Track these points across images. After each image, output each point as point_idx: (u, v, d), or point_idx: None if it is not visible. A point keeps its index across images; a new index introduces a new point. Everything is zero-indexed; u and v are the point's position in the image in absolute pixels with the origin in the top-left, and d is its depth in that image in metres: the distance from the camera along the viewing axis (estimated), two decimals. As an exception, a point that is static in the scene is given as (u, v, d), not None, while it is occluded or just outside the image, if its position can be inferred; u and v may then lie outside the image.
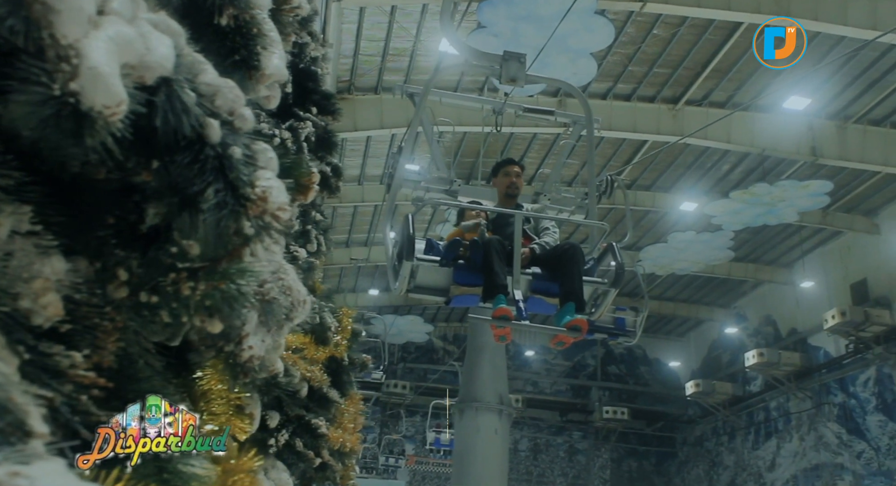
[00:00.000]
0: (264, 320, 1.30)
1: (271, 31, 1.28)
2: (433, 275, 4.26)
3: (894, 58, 12.91)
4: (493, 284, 4.08)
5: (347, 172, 17.27)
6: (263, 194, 0.96)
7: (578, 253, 4.34)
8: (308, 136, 3.41)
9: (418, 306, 24.81)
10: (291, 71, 3.47)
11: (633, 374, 27.94)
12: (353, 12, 12.53)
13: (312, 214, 3.69)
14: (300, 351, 2.83)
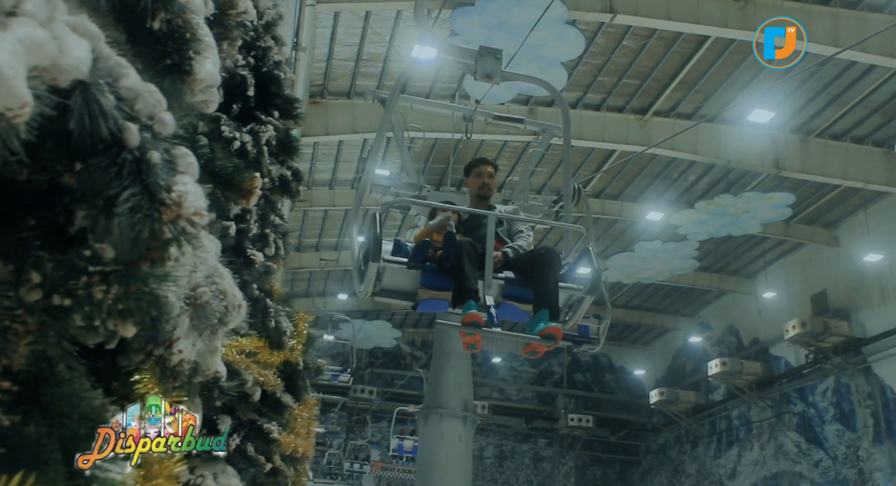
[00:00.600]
0: (196, 324, 1.30)
1: (206, 36, 1.28)
2: (400, 278, 4.07)
3: (854, 74, 13.21)
4: (463, 288, 3.89)
5: (319, 176, 17.22)
6: (179, 199, 0.97)
7: (555, 258, 4.13)
8: (269, 140, 3.40)
9: (387, 311, 24.76)
10: (254, 74, 3.46)
11: (598, 382, 28.14)
12: (327, 17, 12.51)
13: (271, 218, 3.67)
14: (253, 355, 2.82)
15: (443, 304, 4.06)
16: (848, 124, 14.52)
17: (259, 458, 2.75)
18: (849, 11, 11.62)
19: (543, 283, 4.00)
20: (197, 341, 1.30)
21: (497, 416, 26.21)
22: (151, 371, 1.36)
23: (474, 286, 3.87)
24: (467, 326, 3.67)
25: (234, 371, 2.56)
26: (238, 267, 3.06)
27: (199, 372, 1.40)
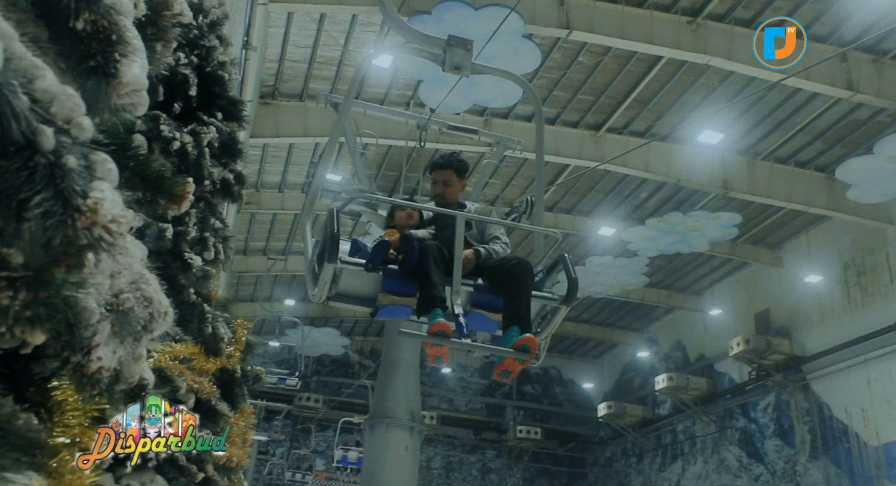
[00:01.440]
0: (118, 331, 1.27)
1: (134, 38, 1.24)
2: (359, 281, 3.73)
3: (799, 101, 13.63)
4: (429, 296, 3.56)
5: (268, 179, 17.03)
6: (95, 206, 0.94)
7: (527, 269, 3.80)
8: (211, 141, 3.33)
9: (335, 319, 24.56)
10: (197, 74, 3.39)
11: (547, 394, 28.33)
12: (280, 17, 12.41)
13: (212, 221, 3.60)
14: (188, 361, 2.76)
15: (405, 311, 3.77)
16: (792, 149, 14.96)
17: (191, 467, 2.68)
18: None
19: (514, 297, 3.69)
20: (118, 348, 1.27)
21: (445, 426, 26.17)
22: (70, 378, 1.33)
23: (441, 294, 3.58)
24: (434, 336, 3.38)
25: (166, 378, 2.50)
26: (174, 271, 3.00)
27: (121, 380, 1.36)
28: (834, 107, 13.52)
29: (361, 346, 27.23)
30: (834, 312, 17.43)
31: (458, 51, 4.01)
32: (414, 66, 12.71)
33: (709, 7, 11.80)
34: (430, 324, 3.39)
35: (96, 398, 1.41)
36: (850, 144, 14.30)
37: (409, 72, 13.12)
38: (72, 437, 1.40)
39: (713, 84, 13.23)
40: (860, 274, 16.80)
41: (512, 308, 3.67)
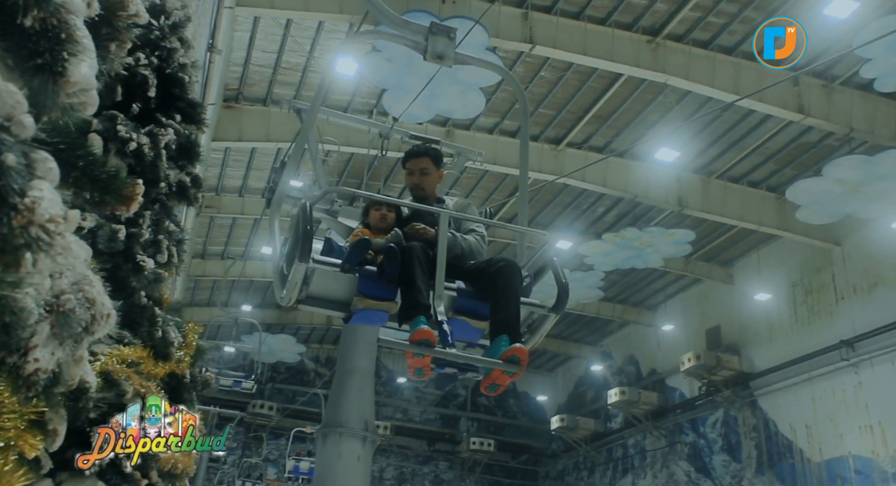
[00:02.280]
0: (58, 333, 1.25)
1: (84, 38, 1.24)
2: (332, 283, 3.47)
3: (753, 122, 13.98)
4: (413, 302, 3.28)
5: (228, 183, 16.83)
6: (32, 205, 0.93)
7: (516, 272, 3.51)
8: (169, 143, 3.30)
9: (292, 325, 24.32)
10: (157, 75, 3.36)
11: (501, 406, 28.39)
12: (246, 20, 12.33)
13: (166, 224, 3.55)
14: (136, 365, 2.72)
15: (381, 317, 3.52)
16: (745, 169, 15.32)
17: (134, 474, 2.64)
18: (749, 63, 12.31)
19: (503, 303, 3.39)
20: (57, 350, 1.25)
21: (399, 437, 26.03)
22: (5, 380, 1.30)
23: (426, 301, 3.31)
24: (416, 345, 3.10)
25: (113, 381, 2.45)
26: (126, 273, 2.96)
27: (61, 382, 1.34)
28: (785, 129, 13.90)
29: (318, 354, 26.98)
30: (782, 329, 17.84)
31: (440, 39, 3.73)
32: (378, 74, 12.73)
33: (668, 27, 12.06)
34: (413, 332, 3.14)
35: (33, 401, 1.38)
36: (800, 166, 14.70)
37: (374, 80, 13.13)
38: (6, 440, 1.37)
39: (671, 103, 13.50)
40: (807, 293, 17.24)
41: (500, 315, 3.38)
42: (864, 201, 13.40)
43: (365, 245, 3.45)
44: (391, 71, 12.25)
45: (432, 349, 3.11)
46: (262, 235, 18.94)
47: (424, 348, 3.11)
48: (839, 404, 15.79)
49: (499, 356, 3.15)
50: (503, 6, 11.79)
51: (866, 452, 14.97)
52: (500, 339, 3.29)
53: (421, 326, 3.14)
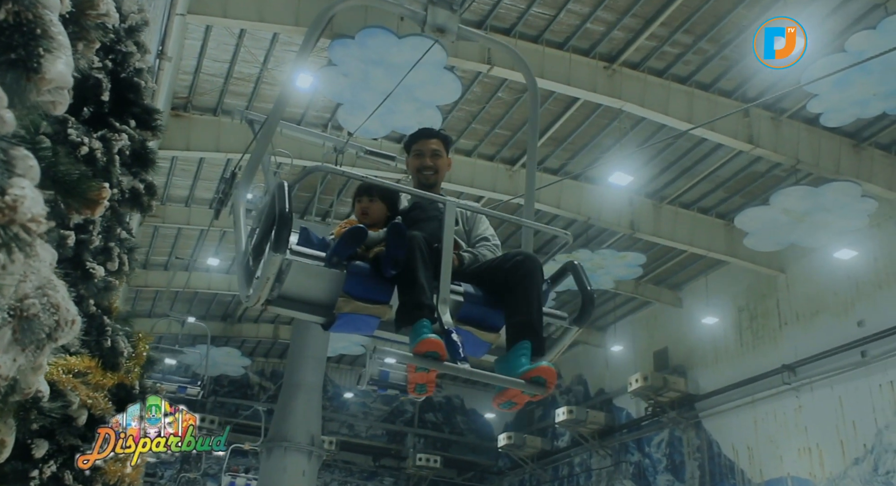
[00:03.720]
0: (20, 339, 1.17)
1: (59, 34, 1.15)
2: (311, 281, 2.89)
3: (704, 150, 14.23)
4: (416, 302, 2.73)
5: (175, 192, 16.44)
6: (14, 203, 0.90)
7: (538, 269, 3.00)
8: (122, 149, 3.18)
9: (237, 338, 23.89)
10: (111, 79, 3.22)
11: (449, 422, 28.29)
12: (198, 29, 12.07)
13: (117, 231, 3.42)
14: (83, 375, 2.59)
15: (370, 323, 2.92)
16: (696, 195, 15.58)
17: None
18: (702, 92, 12.55)
19: (524, 302, 2.88)
20: (19, 357, 1.18)
21: (344, 452, 25.72)
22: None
23: (431, 301, 2.75)
24: (423, 358, 2.57)
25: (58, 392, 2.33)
26: (74, 280, 2.86)
27: (17, 390, 1.28)
28: (735, 158, 14.17)
29: (263, 367, 26.54)
30: (727, 353, 18.15)
31: (441, 10, 3.34)
32: (334, 88, 12.57)
33: (624, 55, 12.19)
34: (418, 341, 2.58)
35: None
36: (748, 195, 15.00)
37: (329, 94, 12.96)
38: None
39: (626, 128, 13.65)
40: (752, 318, 17.59)
41: (520, 316, 2.86)
42: (808, 231, 13.72)
43: (360, 234, 2.87)
44: (347, 85, 12.11)
45: (441, 364, 2.59)
46: (208, 246, 18.54)
47: (431, 363, 2.58)
48: (780, 426, 16.11)
49: (521, 374, 2.65)
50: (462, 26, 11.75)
51: (804, 473, 15.29)
52: (520, 347, 2.79)
53: (427, 335, 2.60)
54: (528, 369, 2.63)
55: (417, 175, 3.58)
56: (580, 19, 11.75)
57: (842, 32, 10.54)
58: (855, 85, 10.25)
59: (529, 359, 2.73)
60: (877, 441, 13.96)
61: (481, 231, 3.47)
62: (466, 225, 3.45)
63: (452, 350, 2.62)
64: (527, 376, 2.61)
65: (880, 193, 13.19)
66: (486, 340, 2.97)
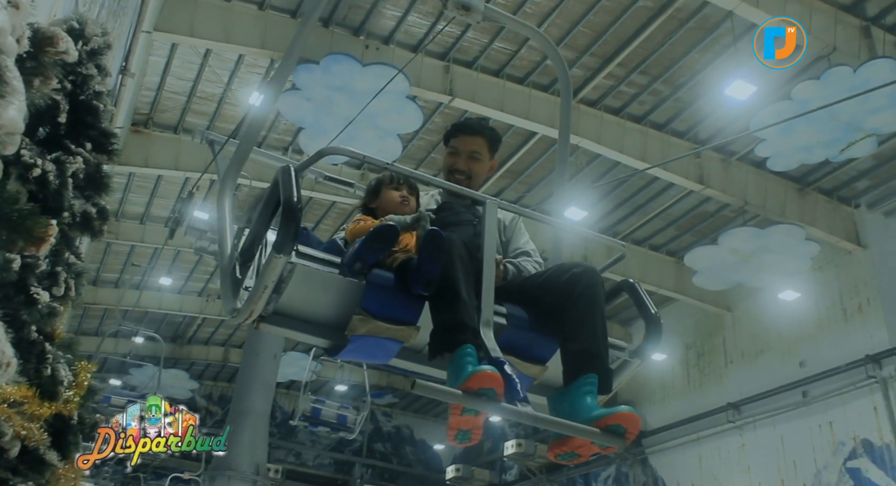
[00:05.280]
0: None
1: (14, 79, 1.17)
2: (319, 292, 2.32)
3: (657, 189, 14.59)
4: (456, 322, 2.19)
5: (130, 209, 16.22)
6: None
7: (600, 284, 2.55)
8: (76, 172, 3.16)
9: (186, 360, 23.39)
10: (69, 101, 3.22)
11: (398, 453, 27.95)
12: (164, 46, 12.06)
13: (66, 255, 3.37)
14: (18, 405, 2.52)
15: (388, 348, 2.35)
16: (648, 232, 15.92)
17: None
18: (656, 132, 12.93)
19: (585, 325, 2.39)
20: None
21: (290, 481, 25.12)
22: None
23: (475, 323, 2.21)
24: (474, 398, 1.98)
25: None
26: (17, 306, 2.79)
27: None
28: (686, 198, 14.56)
29: (211, 391, 25.94)
30: (674, 390, 18.39)
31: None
32: (296, 112, 12.61)
33: (582, 92, 12.52)
34: (470, 374, 2.00)
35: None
36: (698, 233, 15.39)
37: (291, 118, 13.00)
38: None
39: (581, 164, 13.95)
40: (699, 356, 17.89)
41: (581, 344, 2.35)
42: (754, 271, 14.10)
43: (391, 234, 2.30)
44: (309, 110, 12.17)
45: (499, 405, 2.01)
46: (161, 264, 18.27)
47: (486, 404, 1.99)
48: (724, 464, 16.32)
49: (593, 421, 2.13)
50: (426, 57, 11.99)
51: (747, 512, 15.49)
52: (583, 382, 2.26)
53: (480, 367, 2.03)
54: (602, 415, 2.11)
55: (448, 177, 3.03)
56: (540, 56, 12.07)
57: (788, 81, 11.02)
58: (800, 132, 10.68)
59: (596, 397, 2.25)
60: (816, 481, 14.25)
61: (521, 244, 3.00)
62: (504, 235, 2.98)
63: (510, 388, 2.05)
64: (602, 424, 2.10)
65: (822, 236, 13.67)
66: (529, 374, 2.44)
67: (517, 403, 2.08)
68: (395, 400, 26.23)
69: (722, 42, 11.29)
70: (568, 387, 2.31)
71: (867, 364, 13.46)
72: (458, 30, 11.79)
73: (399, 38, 12.01)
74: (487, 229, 2.38)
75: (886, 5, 10.45)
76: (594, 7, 11.19)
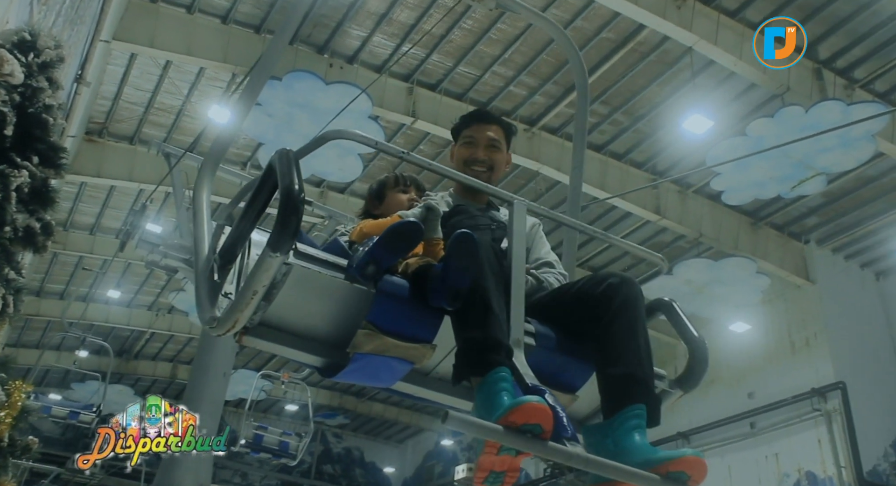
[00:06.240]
0: None
1: None
2: (317, 300, 1.99)
3: (615, 217, 14.75)
4: (489, 339, 1.88)
5: (79, 219, 15.82)
6: None
7: (641, 297, 2.18)
8: (21, 186, 3.05)
9: (131, 376, 22.75)
10: (17, 113, 3.11)
11: (347, 475, 27.52)
12: (122, 56, 11.84)
13: (5, 271, 3.25)
14: None
15: (396, 369, 2.04)
16: (605, 260, 16.06)
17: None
18: (615, 161, 13.10)
19: (628, 344, 2.05)
20: None
21: (235, 503, 24.60)
22: None
23: (506, 338, 1.90)
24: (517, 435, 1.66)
25: None
26: None
27: None
28: (643, 227, 14.74)
29: (156, 408, 25.27)
30: (626, 417, 18.48)
31: None
32: (257, 128, 12.47)
33: (544, 120, 12.64)
34: (512, 406, 1.68)
35: None
36: (653, 263, 15.54)
37: (251, 133, 12.85)
38: None
39: (541, 190, 14.04)
40: (651, 384, 18.02)
41: (623, 368, 2.01)
42: (706, 302, 14.29)
43: (416, 232, 1.97)
44: (271, 126, 12.04)
45: (545, 444, 1.69)
46: (111, 276, 17.80)
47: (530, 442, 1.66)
48: (672, 494, 16.39)
49: (652, 465, 1.82)
50: (389, 78, 11.99)
51: (693, 543, 15.54)
52: (629, 415, 1.92)
53: (526, 398, 1.70)
54: (665, 459, 1.79)
55: (465, 171, 2.65)
56: (504, 81, 12.16)
57: (744, 117, 11.28)
58: (754, 168, 10.90)
59: (646, 433, 1.89)
60: (761, 511, 14.42)
61: (543, 254, 2.66)
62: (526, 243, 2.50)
63: (558, 423, 1.74)
64: (663, 469, 1.78)
65: (773, 270, 13.95)
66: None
67: (565, 441, 1.75)
68: (347, 421, 25.88)
69: (681, 77, 11.52)
70: (611, 420, 1.96)
71: (813, 397, 13.72)
72: (422, 52, 11.83)
73: (364, 58, 12.00)
74: (516, 235, 2.07)
75: (837, 49, 10.80)
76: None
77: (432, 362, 2.12)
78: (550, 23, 3.36)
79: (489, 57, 11.84)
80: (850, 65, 11.00)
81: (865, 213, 13.67)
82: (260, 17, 11.45)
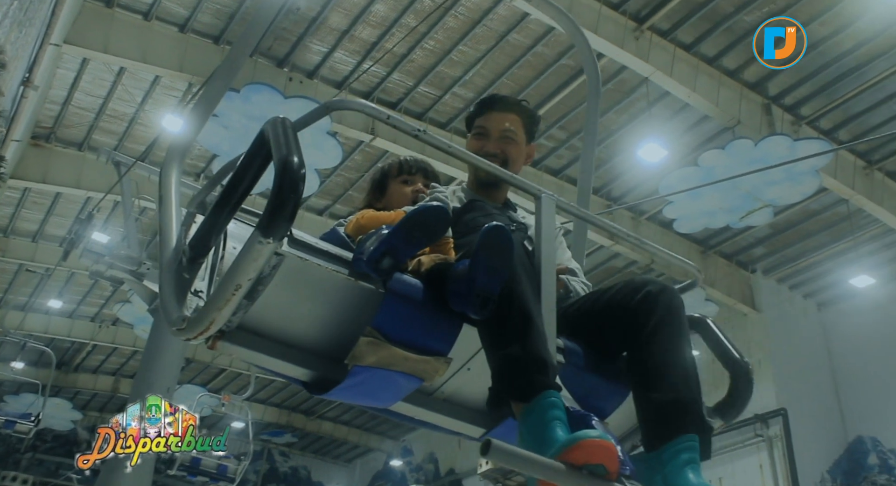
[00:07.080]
0: None
1: None
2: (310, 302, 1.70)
3: (567, 241, 14.87)
4: (534, 357, 1.59)
5: (22, 226, 15.35)
6: None
7: (683, 309, 1.91)
8: None
9: (69, 389, 22.03)
10: None
11: (293, 495, 27.03)
12: (73, 60, 11.55)
13: None
14: None
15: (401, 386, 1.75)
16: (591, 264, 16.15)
17: None
18: (571, 186, 13.23)
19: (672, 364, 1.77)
20: None
21: (174, 522, 23.86)
22: None
23: (551, 356, 1.62)
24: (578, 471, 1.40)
25: None
26: None
27: None
28: (597, 252, 14.88)
29: (96, 422, 24.44)
30: (574, 440, 18.54)
31: None
32: (212, 139, 12.27)
33: (502, 143, 12.70)
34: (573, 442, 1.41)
35: None
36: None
37: (206, 145, 12.64)
38: None
39: (497, 212, 14.10)
40: (600, 408, 18.14)
41: (669, 393, 1.72)
42: (656, 328, 14.47)
43: (443, 217, 1.67)
44: (226, 137, 11.85)
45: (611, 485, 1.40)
46: (52, 285, 17.27)
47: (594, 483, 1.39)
48: (617, 518, 16.46)
49: None
50: (349, 95, 11.93)
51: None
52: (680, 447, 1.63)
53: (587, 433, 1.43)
54: None
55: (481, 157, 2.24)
56: (464, 103, 12.21)
57: (696, 148, 11.52)
58: (705, 197, 11.12)
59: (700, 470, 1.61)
60: (704, 536, 14.53)
61: (565, 260, 2.45)
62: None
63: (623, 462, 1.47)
64: None
65: (721, 298, 14.21)
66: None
67: (624, 479, 1.43)
68: (294, 439, 25.43)
69: (637, 106, 11.72)
70: (657, 453, 1.64)
71: (755, 423, 13.96)
72: (383, 70, 11.82)
73: (324, 74, 11.94)
74: (545, 233, 1.77)
75: (786, 87, 11.13)
76: (519, 61, 11.44)
77: (440, 380, 1.82)
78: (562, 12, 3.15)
79: (450, 78, 11.90)
80: (797, 102, 11.35)
81: (809, 245, 14.06)
82: (219, 28, 11.31)
